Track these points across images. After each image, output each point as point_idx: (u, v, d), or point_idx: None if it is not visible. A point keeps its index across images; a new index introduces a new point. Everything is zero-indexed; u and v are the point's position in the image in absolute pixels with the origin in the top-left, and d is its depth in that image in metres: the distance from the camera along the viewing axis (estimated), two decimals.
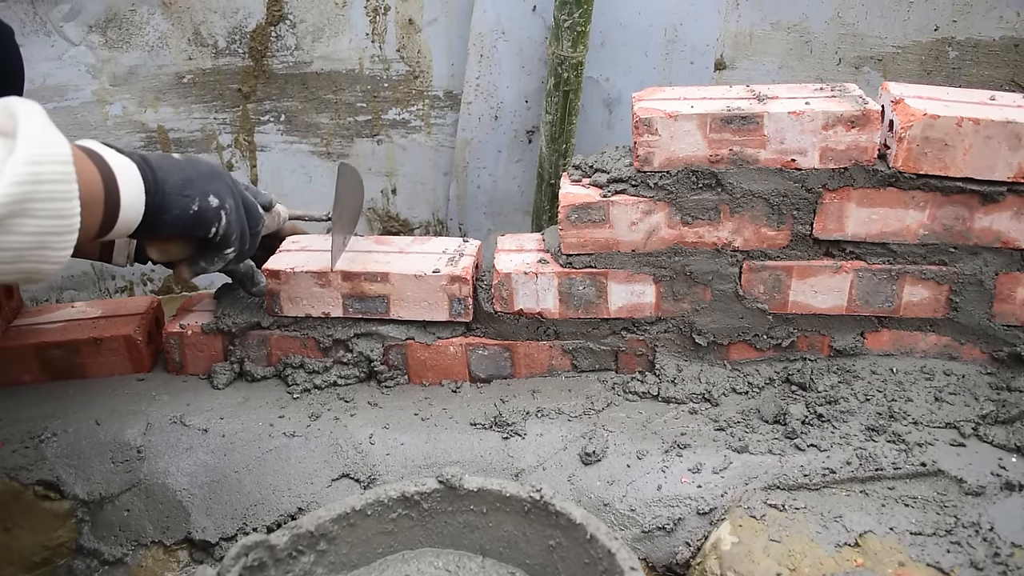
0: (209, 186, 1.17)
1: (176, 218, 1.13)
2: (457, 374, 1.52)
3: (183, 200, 1.13)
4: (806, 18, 1.94)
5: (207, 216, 1.16)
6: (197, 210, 1.14)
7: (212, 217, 1.17)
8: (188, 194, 1.13)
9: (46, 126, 0.93)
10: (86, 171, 1.00)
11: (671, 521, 1.25)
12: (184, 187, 1.13)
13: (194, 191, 1.14)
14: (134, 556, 1.32)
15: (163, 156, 1.17)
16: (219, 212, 1.17)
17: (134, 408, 1.46)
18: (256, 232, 1.28)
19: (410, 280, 1.44)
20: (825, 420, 1.34)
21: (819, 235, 1.38)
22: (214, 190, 1.17)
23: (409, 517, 1.14)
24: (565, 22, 1.66)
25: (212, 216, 1.17)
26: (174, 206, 1.12)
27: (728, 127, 1.32)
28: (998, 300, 1.39)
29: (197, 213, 1.15)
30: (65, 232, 0.95)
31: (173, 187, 1.12)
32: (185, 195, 1.13)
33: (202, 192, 1.15)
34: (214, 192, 1.17)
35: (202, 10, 1.86)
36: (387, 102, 2.01)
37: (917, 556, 1.11)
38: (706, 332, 1.46)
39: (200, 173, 1.17)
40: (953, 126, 1.27)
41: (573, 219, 1.40)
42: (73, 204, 0.94)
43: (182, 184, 1.13)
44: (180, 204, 1.13)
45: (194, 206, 1.14)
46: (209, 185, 1.17)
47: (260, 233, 1.30)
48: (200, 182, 1.16)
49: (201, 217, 1.15)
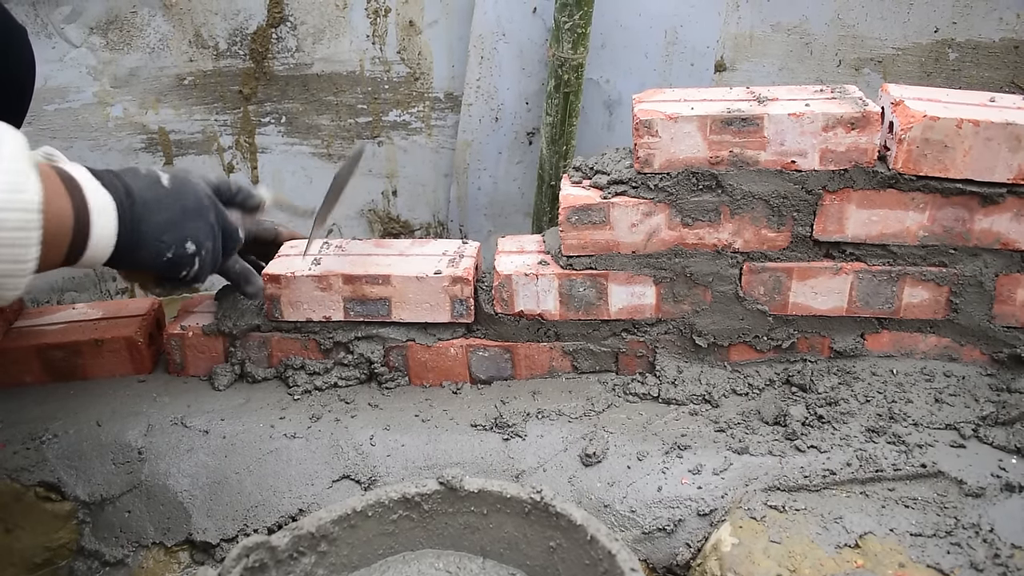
0: (189, 229, 1.15)
1: (147, 259, 1.12)
2: (458, 375, 1.52)
3: (158, 245, 1.12)
4: (806, 20, 1.94)
5: (180, 263, 1.15)
6: (172, 257, 1.14)
7: (185, 263, 1.16)
8: (165, 240, 1.12)
9: (19, 168, 0.93)
10: (58, 209, 0.99)
11: (671, 522, 1.25)
12: (162, 231, 1.12)
13: (172, 237, 1.13)
14: (135, 557, 1.32)
15: (151, 186, 1.14)
16: (193, 258, 1.16)
17: (135, 409, 1.46)
18: (229, 252, 1.27)
19: (411, 282, 1.44)
20: (825, 421, 1.34)
21: (819, 237, 1.39)
22: (193, 234, 1.16)
23: (410, 518, 1.14)
24: (565, 24, 1.67)
25: (185, 262, 1.16)
26: (148, 249, 1.11)
27: (728, 129, 1.32)
28: (998, 302, 1.39)
29: (171, 260, 1.14)
30: (19, 275, 0.96)
31: (151, 229, 1.11)
32: (161, 240, 1.12)
33: (180, 238, 1.14)
34: (192, 236, 1.15)
35: (203, 12, 1.87)
36: (388, 104, 2.02)
37: (917, 557, 1.11)
38: (706, 333, 1.46)
39: (185, 211, 1.15)
40: (953, 128, 1.27)
41: (573, 221, 1.40)
42: (32, 250, 0.95)
43: (161, 228, 1.12)
44: (154, 249, 1.12)
45: (168, 253, 1.13)
46: (189, 227, 1.15)
47: (234, 251, 1.29)
48: (181, 225, 1.14)
49: (174, 264, 1.15)
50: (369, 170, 2.21)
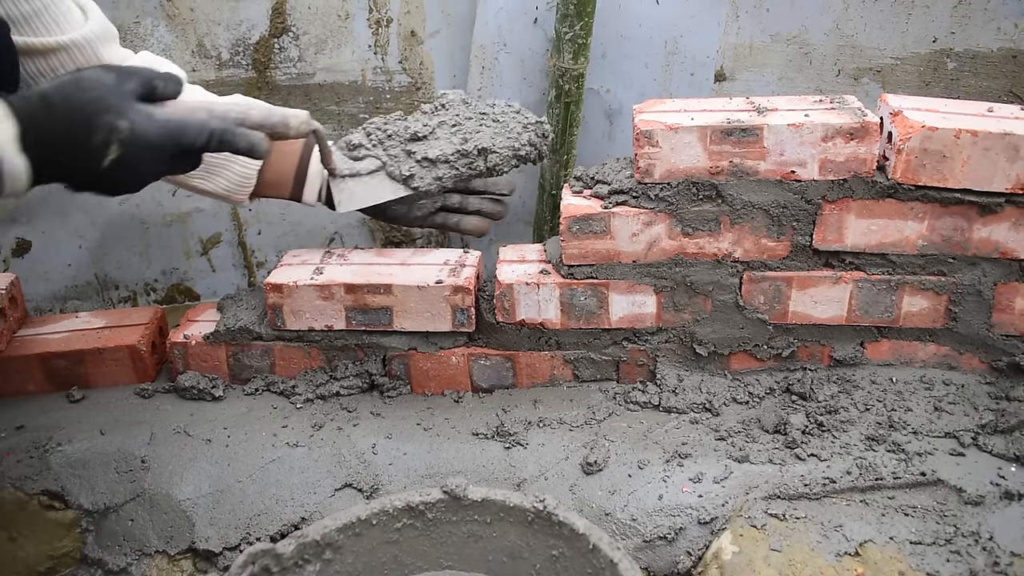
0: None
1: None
2: (459, 384, 1.52)
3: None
4: (805, 30, 1.95)
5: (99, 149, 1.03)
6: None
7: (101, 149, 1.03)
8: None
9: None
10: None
11: (672, 530, 1.25)
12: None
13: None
14: (138, 566, 1.33)
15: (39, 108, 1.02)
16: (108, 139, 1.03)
17: (138, 418, 1.47)
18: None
19: (413, 291, 1.45)
20: (825, 430, 1.35)
21: (819, 246, 1.39)
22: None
23: (414, 527, 1.15)
24: (566, 34, 1.67)
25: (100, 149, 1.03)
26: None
27: (728, 139, 1.33)
28: (997, 310, 1.40)
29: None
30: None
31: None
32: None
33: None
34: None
35: (206, 22, 1.87)
36: (389, 113, 2.03)
37: (917, 565, 1.12)
38: (707, 342, 1.47)
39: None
40: (951, 138, 1.28)
41: (574, 230, 1.41)
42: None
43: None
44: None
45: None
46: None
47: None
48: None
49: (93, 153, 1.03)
50: None
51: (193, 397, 1.52)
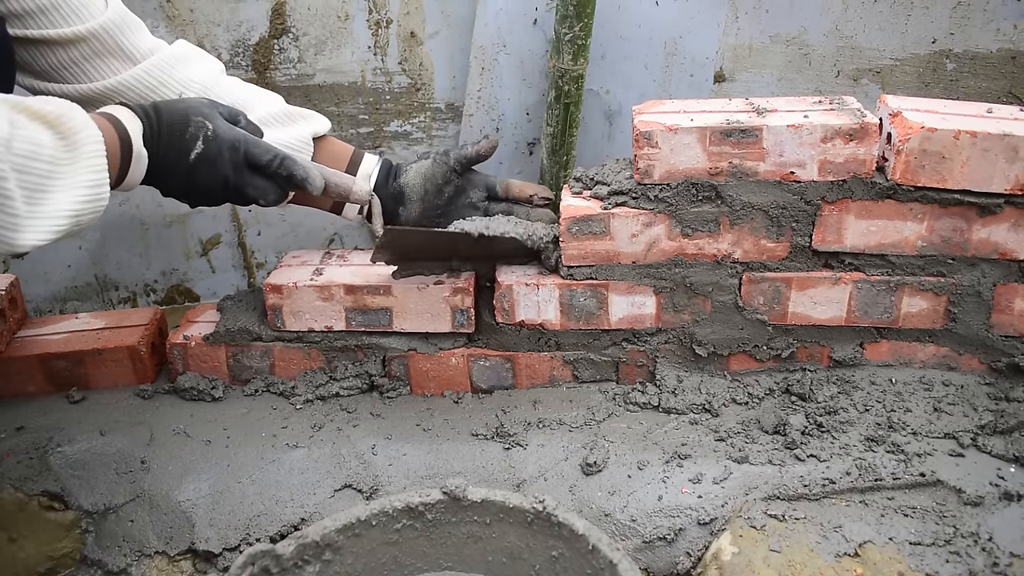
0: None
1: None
2: (459, 385, 1.53)
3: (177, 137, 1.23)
4: (805, 31, 1.95)
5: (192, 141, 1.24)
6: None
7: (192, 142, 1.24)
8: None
9: (100, 164, 1.11)
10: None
11: (672, 531, 1.25)
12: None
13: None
14: (138, 567, 1.33)
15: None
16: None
17: (138, 419, 1.47)
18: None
19: (412, 292, 1.45)
20: (825, 430, 1.35)
21: (818, 247, 1.40)
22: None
23: (413, 528, 1.15)
24: (566, 35, 1.67)
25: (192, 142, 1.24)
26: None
27: (728, 140, 1.33)
28: (996, 311, 1.40)
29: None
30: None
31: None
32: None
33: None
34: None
35: (206, 23, 1.88)
36: (389, 114, 2.02)
37: (916, 566, 1.12)
38: (706, 343, 1.47)
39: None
40: (950, 139, 1.28)
41: (574, 231, 1.41)
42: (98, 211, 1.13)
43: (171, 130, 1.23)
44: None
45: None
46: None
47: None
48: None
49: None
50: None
51: (193, 398, 1.52)
